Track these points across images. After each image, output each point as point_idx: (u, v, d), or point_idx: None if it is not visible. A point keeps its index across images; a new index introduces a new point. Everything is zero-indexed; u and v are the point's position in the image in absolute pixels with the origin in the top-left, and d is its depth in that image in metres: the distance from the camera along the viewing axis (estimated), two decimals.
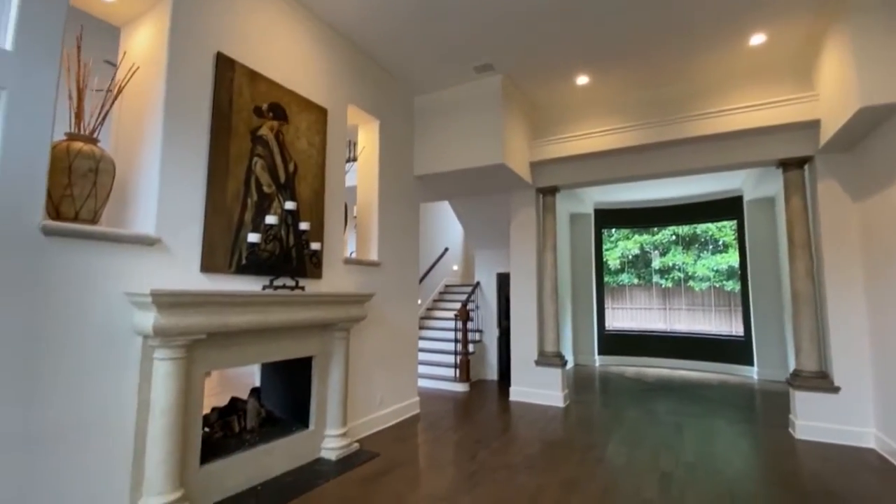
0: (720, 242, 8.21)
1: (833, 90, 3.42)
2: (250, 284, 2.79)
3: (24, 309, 1.84)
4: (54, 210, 2.11)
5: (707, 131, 4.11)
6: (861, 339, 3.65)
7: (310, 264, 3.23)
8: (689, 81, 4.36)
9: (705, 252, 8.30)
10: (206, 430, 2.77)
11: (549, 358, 4.94)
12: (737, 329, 7.27)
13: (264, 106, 2.94)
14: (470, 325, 6.16)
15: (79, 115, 2.28)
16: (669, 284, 8.42)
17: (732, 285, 7.63)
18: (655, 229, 8.60)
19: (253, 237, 2.68)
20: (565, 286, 7.45)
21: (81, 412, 1.99)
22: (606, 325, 8.10)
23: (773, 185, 5.89)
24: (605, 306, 8.19)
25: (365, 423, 3.76)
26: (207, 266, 2.53)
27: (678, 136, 4.23)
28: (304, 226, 3.05)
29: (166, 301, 2.08)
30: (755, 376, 6.57)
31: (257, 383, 3.48)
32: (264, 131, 2.93)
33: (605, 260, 8.44)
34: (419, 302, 7.16)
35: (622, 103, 4.63)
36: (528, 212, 5.23)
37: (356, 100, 3.87)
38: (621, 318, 8.51)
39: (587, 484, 2.84)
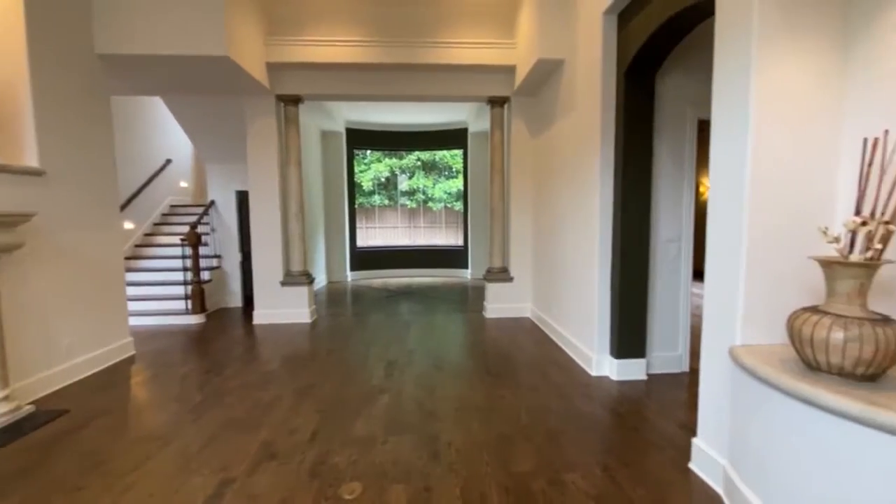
0: (453, 169, 9.55)
1: (524, 41, 4.19)
2: None
3: None
4: None
5: (430, 60, 4.47)
6: (527, 243, 5.00)
7: None
8: (423, 6, 4.52)
9: (441, 177, 9.53)
10: None
11: (295, 277, 4.87)
12: (459, 241, 8.86)
13: None
14: (204, 249, 5.41)
15: None
16: (414, 205, 9.39)
17: (459, 206, 9.11)
18: (403, 153, 9.25)
19: None
20: (317, 206, 7.33)
21: None
22: (358, 243, 8.53)
23: (488, 119, 7.04)
24: (358, 226, 8.56)
25: (44, 380, 2.93)
26: None
27: (409, 60, 4.45)
28: None
29: None
30: (469, 277, 8.27)
31: None
32: None
33: (358, 181, 8.65)
34: (131, 226, 5.80)
35: (365, 15, 4.47)
36: (267, 122, 4.71)
37: None
38: (373, 236, 9.09)
39: (323, 385, 3.05)
